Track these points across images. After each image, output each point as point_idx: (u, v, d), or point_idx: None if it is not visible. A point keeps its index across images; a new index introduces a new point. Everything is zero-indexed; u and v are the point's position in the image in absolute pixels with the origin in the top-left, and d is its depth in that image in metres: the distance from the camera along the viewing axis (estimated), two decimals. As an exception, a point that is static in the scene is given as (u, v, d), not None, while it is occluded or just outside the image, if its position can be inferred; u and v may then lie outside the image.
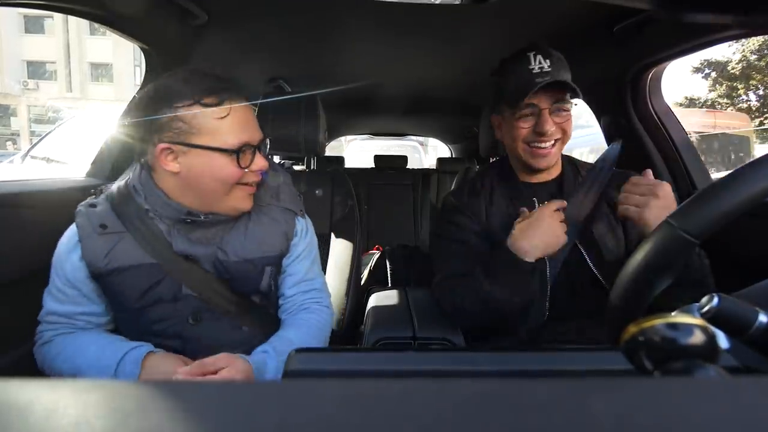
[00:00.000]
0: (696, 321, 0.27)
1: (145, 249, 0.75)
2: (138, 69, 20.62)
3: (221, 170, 0.74)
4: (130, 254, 0.75)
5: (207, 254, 0.79)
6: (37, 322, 0.81)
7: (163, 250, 0.76)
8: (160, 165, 0.74)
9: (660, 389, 0.20)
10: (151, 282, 0.75)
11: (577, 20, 1.10)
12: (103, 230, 0.75)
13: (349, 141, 6.24)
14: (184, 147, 0.72)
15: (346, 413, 0.18)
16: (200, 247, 0.79)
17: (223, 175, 0.74)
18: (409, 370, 0.38)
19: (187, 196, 0.76)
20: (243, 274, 0.81)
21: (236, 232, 0.82)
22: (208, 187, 0.75)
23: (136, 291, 0.75)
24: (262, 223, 0.85)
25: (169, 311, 0.77)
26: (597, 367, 0.36)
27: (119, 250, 0.75)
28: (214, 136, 0.72)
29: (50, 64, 21.43)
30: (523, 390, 0.20)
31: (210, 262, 0.79)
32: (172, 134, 0.72)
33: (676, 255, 0.43)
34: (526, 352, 0.41)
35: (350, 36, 1.27)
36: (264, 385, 0.23)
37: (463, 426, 0.17)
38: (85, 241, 0.75)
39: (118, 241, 0.76)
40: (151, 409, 0.18)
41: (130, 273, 0.75)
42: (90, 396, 0.18)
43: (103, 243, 0.75)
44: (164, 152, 0.72)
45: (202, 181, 0.74)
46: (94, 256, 0.74)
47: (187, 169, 0.73)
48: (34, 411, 0.17)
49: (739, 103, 17.59)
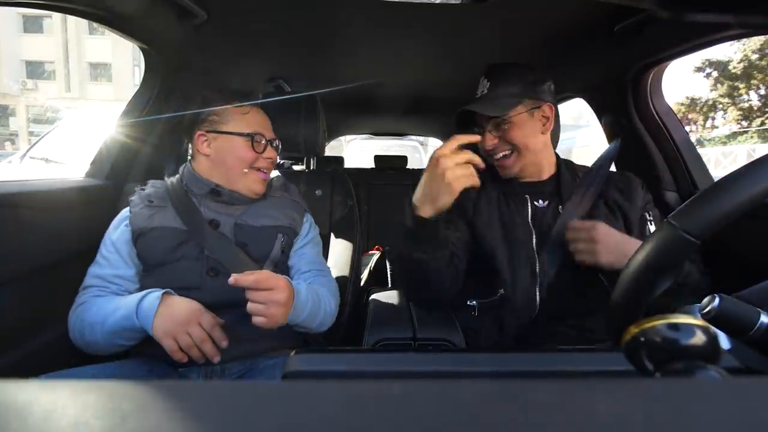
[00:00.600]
0: (697, 322, 0.27)
1: (180, 215, 0.95)
2: (137, 69, 20.63)
3: (239, 150, 0.98)
4: (166, 219, 0.95)
5: (228, 221, 0.98)
6: (38, 323, 0.83)
7: (194, 216, 0.96)
8: (197, 150, 0.99)
9: (661, 390, 0.20)
10: (178, 241, 0.93)
11: (578, 20, 1.10)
12: (150, 203, 0.97)
13: (348, 141, 6.23)
14: (215, 134, 0.98)
15: (346, 414, 0.18)
16: (223, 216, 0.99)
17: (241, 154, 0.98)
18: (410, 371, 0.38)
19: (214, 175, 0.99)
20: (257, 239, 0.98)
21: (253, 208, 1.02)
22: (231, 164, 0.98)
23: (165, 246, 0.92)
24: (275, 205, 1.05)
25: (191, 266, 0.92)
26: (598, 368, 0.36)
27: (158, 216, 0.95)
28: (236, 125, 0.99)
29: (49, 63, 21.44)
30: (523, 391, 0.20)
31: (229, 227, 0.97)
32: (207, 124, 0.99)
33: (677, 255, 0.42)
34: (527, 353, 0.41)
35: (350, 35, 1.27)
36: (263, 385, 0.23)
37: (463, 427, 0.17)
38: (134, 211, 0.96)
39: (159, 210, 0.96)
40: (149, 410, 0.18)
41: (162, 232, 0.93)
42: (88, 397, 0.18)
43: (148, 211, 0.96)
44: (200, 138, 0.99)
45: (226, 159, 0.98)
46: (139, 220, 0.94)
47: (215, 151, 0.98)
48: (32, 412, 0.17)
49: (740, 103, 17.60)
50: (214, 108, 0.99)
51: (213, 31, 1.14)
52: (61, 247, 1.00)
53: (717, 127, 19.36)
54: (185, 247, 0.93)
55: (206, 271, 0.91)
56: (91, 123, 3.12)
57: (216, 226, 0.96)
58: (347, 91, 1.74)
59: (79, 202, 1.04)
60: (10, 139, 20.17)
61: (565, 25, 1.13)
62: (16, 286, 0.88)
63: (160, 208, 0.96)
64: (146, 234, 0.93)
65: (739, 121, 17.93)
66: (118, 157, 1.18)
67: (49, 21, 20.76)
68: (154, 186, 1.02)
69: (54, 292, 0.97)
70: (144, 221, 0.94)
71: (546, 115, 1.01)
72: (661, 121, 1.29)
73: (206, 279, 0.91)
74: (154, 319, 0.79)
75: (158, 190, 1.00)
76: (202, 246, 0.93)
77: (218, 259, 0.92)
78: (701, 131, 19.20)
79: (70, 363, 1.00)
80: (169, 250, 0.91)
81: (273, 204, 1.05)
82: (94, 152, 1.20)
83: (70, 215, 1.02)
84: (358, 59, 1.51)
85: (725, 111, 18.47)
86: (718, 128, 19.19)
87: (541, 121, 1.01)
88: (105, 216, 1.13)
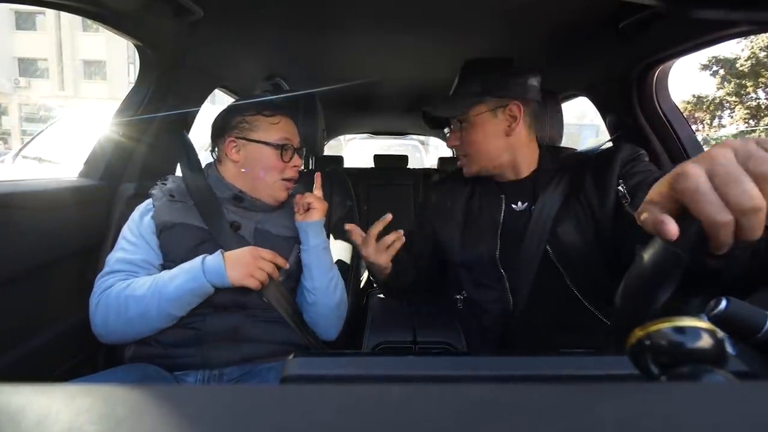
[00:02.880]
0: (703, 324, 0.27)
1: (202, 214, 0.98)
2: (132, 66, 20.62)
3: (268, 159, 1.01)
4: (188, 217, 0.98)
5: (249, 225, 1.02)
6: (32, 324, 0.83)
7: (215, 216, 0.98)
8: (225, 155, 1.03)
9: (667, 394, 0.20)
10: (198, 241, 0.96)
11: (582, 17, 1.10)
12: (171, 198, 1.00)
13: (348, 140, 6.23)
14: (245, 141, 1.01)
15: (345, 419, 0.18)
16: (245, 220, 1.02)
17: (269, 164, 1.02)
18: (410, 375, 0.37)
19: (239, 181, 1.03)
20: (276, 247, 0.99)
21: (273, 216, 1.07)
22: (258, 174, 1.02)
23: (187, 245, 0.95)
24: (293, 215, 1.07)
25: None
26: (602, 372, 0.36)
27: (180, 211, 0.98)
28: (266, 134, 1.01)
29: (42, 61, 21.42)
30: (526, 395, 0.20)
31: (250, 231, 1.01)
32: (238, 131, 1.02)
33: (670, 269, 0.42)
34: (530, 356, 0.41)
35: (350, 32, 1.27)
36: (261, 389, 0.23)
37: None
38: (157, 204, 0.99)
39: (181, 206, 0.99)
40: (144, 415, 0.18)
41: (184, 230, 0.96)
42: (83, 401, 0.18)
43: (170, 206, 0.99)
44: (230, 144, 1.02)
45: (255, 168, 1.02)
46: (162, 213, 0.97)
47: (244, 158, 1.02)
48: (26, 416, 0.17)
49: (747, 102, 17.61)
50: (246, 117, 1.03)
51: (209, 28, 1.14)
52: (55, 248, 1.00)
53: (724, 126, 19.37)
54: (204, 246, 0.95)
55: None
56: (85, 122, 3.12)
57: (237, 228, 0.99)
58: (347, 89, 1.74)
59: (73, 203, 1.04)
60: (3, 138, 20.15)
61: (569, 21, 1.13)
62: (10, 287, 0.88)
63: (181, 203, 0.99)
64: (169, 228, 0.96)
65: (746, 120, 17.93)
66: (113, 156, 1.18)
67: (42, 18, 20.75)
68: (174, 181, 1.05)
69: (48, 293, 0.98)
70: (167, 215, 0.97)
71: (513, 114, 0.95)
72: (666, 120, 1.29)
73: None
74: (226, 271, 0.88)
75: (179, 185, 1.03)
76: (221, 247, 0.94)
77: None
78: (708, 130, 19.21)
79: (64, 365, 1.01)
80: (190, 249, 0.94)
81: (291, 213, 1.08)
82: (88, 151, 1.20)
83: (64, 216, 1.02)
84: (358, 56, 1.51)
85: (732, 110, 18.47)
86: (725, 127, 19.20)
87: (507, 121, 0.95)
88: (99, 216, 1.13)
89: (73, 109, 5.99)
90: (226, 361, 0.92)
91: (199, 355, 0.91)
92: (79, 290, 1.07)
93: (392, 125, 3.27)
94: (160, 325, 0.88)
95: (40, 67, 21.61)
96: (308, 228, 1.02)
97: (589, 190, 0.90)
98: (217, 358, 0.91)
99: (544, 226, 0.91)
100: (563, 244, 0.89)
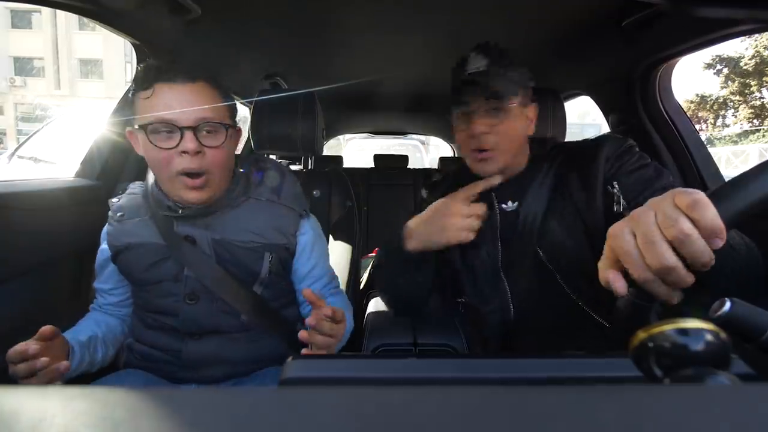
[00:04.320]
0: (707, 326, 0.27)
1: (157, 228, 0.85)
2: (129, 65, 20.63)
3: (146, 151, 0.79)
4: (141, 234, 0.86)
5: (204, 236, 0.86)
6: (28, 326, 0.83)
7: (169, 230, 0.84)
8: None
9: (670, 397, 0.20)
10: (155, 258, 0.85)
11: (585, 15, 1.10)
12: (120, 217, 0.88)
13: (347, 140, 6.23)
14: (135, 131, 0.80)
15: (344, 423, 0.18)
16: (199, 230, 0.86)
17: (150, 156, 0.79)
18: (410, 377, 0.38)
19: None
20: (241, 258, 0.87)
21: (233, 220, 0.88)
22: (155, 171, 0.82)
23: (141, 265, 0.85)
24: (260, 215, 0.90)
25: (170, 289, 0.85)
26: (605, 374, 0.36)
27: (131, 230, 0.86)
28: (142, 117, 0.77)
29: (38, 60, 21.46)
30: (528, 398, 0.20)
31: (207, 243, 0.86)
32: (132, 120, 0.80)
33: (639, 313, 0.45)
34: (531, 359, 0.41)
35: (349, 31, 1.27)
36: (259, 392, 0.23)
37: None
38: (108, 228, 0.89)
39: (132, 224, 0.87)
40: (142, 418, 0.18)
41: (138, 250, 0.85)
42: (79, 404, 0.18)
43: (120, 226, 0.87)
44: (132, 137, 0.83)
45: (150, 165, 0.82)
46: (112, 238, 0.87)
47: (144, 155, 0.81)
48: (20, 420, 0.17)
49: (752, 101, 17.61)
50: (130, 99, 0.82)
51: (207, 26, 1.14)
52: (51, 249, 1.00)
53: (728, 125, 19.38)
54: (163, 265, 0.85)
55: (184, 297, 0.85)
56: (81, 121, 3.12)
57: (192, 242, 0.85)
58: (346, 88, 1.74)
59: (70, 203, 1.04)
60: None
61: (570, 19, 1.13)
62: (4, 288, 0.88)
63: (131, 221, 0.87)
64: (122, 253, 0.86)
65: (750, 119, 17.95)
66: (110, 156, 1.18)
67: (38, 16, 20.78)
68: (131, 192, 0.92)
69: (43, 295, 0.98)
70: (117, 238, 0.87)
71: (531, 115, 0.91)
72: (670, 120, 1.29)
73: (184, 306, 0.86)
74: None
75: (134, 197, 0.90)
76: (182, 263, 0.85)
77: (200, 278, 0.84)
78: (711, 130, 19.22)
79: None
80: (146, 268, 0.85)
81: (257, 211, 0.89)
82: (85, 151, 1.20)
83: (60, 216, 1.02)
84: (358, 55, 1.51)
85: (736, 109, 18.48)
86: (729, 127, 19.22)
87: (528, 119, 0.91)
88: (96, 217, 1.13)
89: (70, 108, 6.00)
90: (216, 379, 0.89)
91: (188, 375, 0.88)
92: (75, 292, 1.07)
93: (392, 124, 3.27)
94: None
95: (36, 66, 21.64)
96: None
97: (573, 187, 0.85)
98: (207, 377, 0.88)
99: (532, 225, 0.87)
100: (552, 245, 0.85)
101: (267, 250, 0.88)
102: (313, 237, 0.96)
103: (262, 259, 0.88)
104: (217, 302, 0.86)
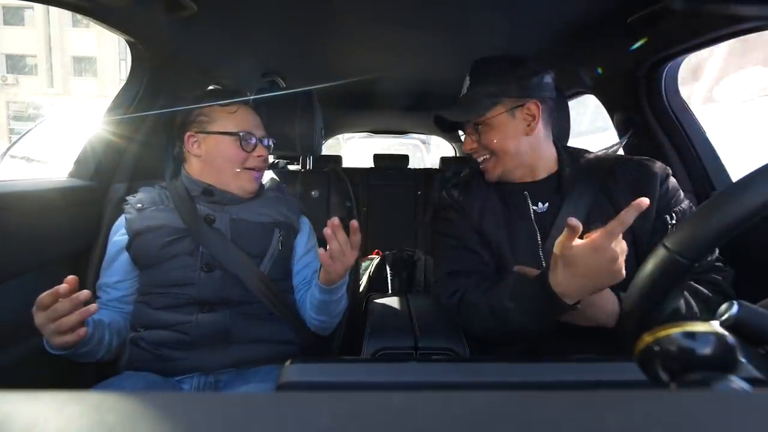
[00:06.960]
0: (714, 330, 0.27)
1: (178, 211, 1.00)
2: (123, 63, 20.63)
3: (229, 150, 1.03)
4: (160, 217, 0.99)
5: (223, 217, 1.03)
6: (21, 329, 0.83)
7: (190, 212, 1.00)
8: (187, 151, 1.05)
9: (677, 402, 0.20)
10: (172, 237, 0.97)
11: (589, 12, 1.10)
12: (140, 207, 1.02)
13: (347, 139, 6.24)
14: (204, 134, 1.04)
15: (343, 428, 0.18)
16: (219, 213, 1.03)
17: (230, 154, 1.03)
18: (411, 382, 0.37)
19: (206, 175, 1.05)
20: (254, 234, 1.04)
21: (248, 206, 1.07)
22: (221, 165, 1.04)
23: (159, 243, 0.97)
24: (269, 203, 1.10)
25: (186, 262, 0.97)
26: (610, 379, 0.36)
27: (151, 215, 1.00)
28: (224, 125, 1.03)
29: (31, 57, 21.44)
30: (531, 403, 0.20)
31: (225, 223, 1.02)
32: (197, 126, 1.04)
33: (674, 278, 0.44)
34: (535, 363, 0.41)
35: (348, 28, 1.27)
36: (256, 397, 0.23)
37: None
38: (126, 217, 1.02)
39: (151, 211, 1.01)
40: (136, 422, 0.18)
41: (157, 231, 0.98)
42: (72, 408, 0.18)
43: (140, 214, 1.01)
44: (190, 139, 1.04)
45: (216, 160, 1.04)
46: (131, 223, 1.00)
47: (206, 152, 1.04)
48: (12, 425, 0.17)
49: (759, 99, 17.58)
50: (202, 106, 1.05)
51: (204, 24, 1.14)
52: (44, 251, 1.00)
53: (735, 124, 19.37)
54: (180, 243, 0.98)
55: (201, 267, 0.96)
56: (74, 120, 3.12)
57: (211, 221, 1.01)
58: (345, 87, 1.74)
59: (63, 204, 1.04)
60: (-10, 137, 20.17)
61: (574, 16, 1.14)
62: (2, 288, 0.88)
63: (153, 209, 1.01)
64: (141, 234, 0.98)
65: (758, 118, 17.95)
66: (104, 156, 1.18)
67: (30, 13, 20.78)
68: (144, 191, 1.07)
69: (39, 295, 0.97)
70: (137, 223, 0.99)
71: (531, 113, 0.95)
72: (676, 118, 1.29)
73: (201, 274, 0.96)
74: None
75: (150, 192, 1.06)
76: (198, 242, 0.97)
77: (214, 254, 0.97)
78: (718, 129, 19.22)
79: (53, 372, 1.00)
80: (162, 246, 0.96)
81: (267, 202, 1.10)
82: (78, 151, 1.20)
83: (53, 217, 1.02)
84: (357, 53, 1.51)
85: (744, 107, 18.48)
86: (737, 126, 19.21)
87: (525, 120, 0.96)
88: (90, 218, 1.13)
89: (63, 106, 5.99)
90: (221, 364, 0.95)
91: (193, 358, 0.93)
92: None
93: (392, 124, 3.27)
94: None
95: (29, 63, 21.62)
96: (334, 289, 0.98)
97: (622, 199, 0.89)
98: (212, 361, 0.94)
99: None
100: None
101: (276, 226, 1.06)
102: (309, 228, 1.16)
103: (272, 235, 1.05)
104: (229, 275, 0.97)
